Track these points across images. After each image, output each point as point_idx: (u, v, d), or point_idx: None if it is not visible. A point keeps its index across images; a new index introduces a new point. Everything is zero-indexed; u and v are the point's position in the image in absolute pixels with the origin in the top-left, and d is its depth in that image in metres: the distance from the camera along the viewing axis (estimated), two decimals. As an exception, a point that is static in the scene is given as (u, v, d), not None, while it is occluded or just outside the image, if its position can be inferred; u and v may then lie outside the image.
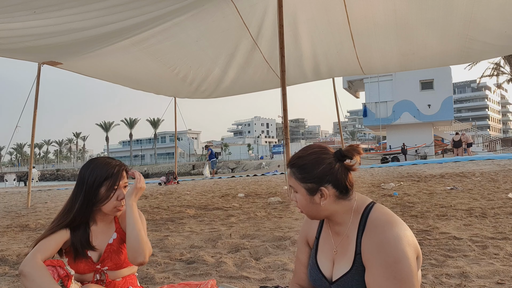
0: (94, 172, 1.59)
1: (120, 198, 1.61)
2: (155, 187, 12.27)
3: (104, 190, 1.59)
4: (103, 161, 1.64)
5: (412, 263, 1.13)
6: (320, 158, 1.26)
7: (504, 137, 56.55)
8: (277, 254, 3.15)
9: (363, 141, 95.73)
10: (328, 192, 1.24)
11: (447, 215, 4.52)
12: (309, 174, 1.25)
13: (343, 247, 1.28)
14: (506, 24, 6.14)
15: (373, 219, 1.22)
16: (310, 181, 1.25)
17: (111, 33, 5.68)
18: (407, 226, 1.21)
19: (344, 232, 1.28)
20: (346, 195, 1.27)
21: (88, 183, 1.59)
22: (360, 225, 1.24)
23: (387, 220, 1.20)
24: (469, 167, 11.74)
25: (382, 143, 36.32)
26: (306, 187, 1.26)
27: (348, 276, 1.22)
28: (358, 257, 1.21)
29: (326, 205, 1.26)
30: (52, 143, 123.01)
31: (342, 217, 1.28)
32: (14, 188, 20.20)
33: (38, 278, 1.37)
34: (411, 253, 1.14)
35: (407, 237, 1.16)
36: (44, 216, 6.36)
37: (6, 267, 3.09)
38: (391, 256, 1.12)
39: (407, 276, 1.11)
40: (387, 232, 1.16)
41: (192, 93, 10.05)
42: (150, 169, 54.22)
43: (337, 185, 1.25)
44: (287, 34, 6.59)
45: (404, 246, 1.13)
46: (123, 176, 1.64)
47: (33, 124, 7.90)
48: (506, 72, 36.63)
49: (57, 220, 1.62)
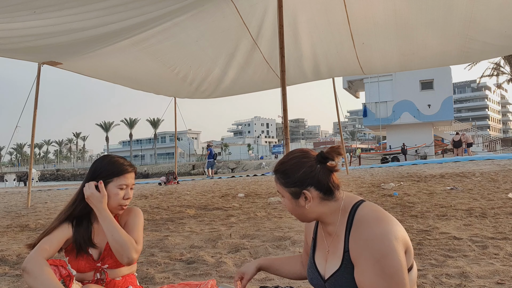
0: (107, 167, 1.65)
1: (126, 198, 1.65)
2: (155, 187, 12.27)
3: (113, 186, 1.63)
4: (117, 159, 1.70)
5: (400, 257, 1.13)
6: (300, 162, 1.29)
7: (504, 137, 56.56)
8: (277, 254, 3.15)
9: (363, 141, 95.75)
10: (311, 195, 1.27)
11: (447, 215, 4.52)
12: (291, 178, 1.28)
13: (334, 246, 1.30)
14: (506, 24, 6.14)
15: (360, 216, 1.23)
16: (293, 185, 1.28)
17: (111, 33, 5.69)
18: (396, 221, 1.21)
19: (334, 231, 1.31)
20: (331, 196, 1.29)
21: (100, 175, 1.63)
22: (348, 223, 1.25)
23: (373, 216, 1.21)
24: (469, 167, 11.74)
25: (382, 143, 36.35)
26: (290, 192, 1.30)
27: (338, 274, 1.24)
28: (347, 255, 1.22)
29: (312, 207, 1.28)
30: (52, 143, 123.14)
31: (331, 217, 1.30)
32: (14, 188, 20.21)
33: (41, 275, 1.38)
34: (398, 247, 1.14)
35: (394, 232, 1.16)
36: (44, 216, 6.35)
37: (6, 267, 3.09)
38: (378, 251, 1.13)
39: (397, 270, 1.11)
40: (372, 228, 1.17)
41: (192, 93, 10.05)
42: (150, 169, 54.22)
43: (320, 187, 1.27)
44: (287, 34, 6.59)
45: (390, 241, 1.13)
46: (132, 177, 1.70)
47: (33, 124, 7.90)
48: (506, 72, 36.63)
49: (64, 211, 1.66)
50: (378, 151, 33.85)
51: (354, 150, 46.33)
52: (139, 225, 1.73)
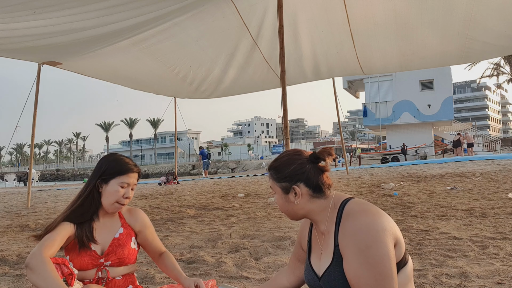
0: (112, 164, 1.69)
1: (125, 196, 1.67)
2: (155, 187, 12.27)
3: (114, 183, 1.66)
4: (123, 158, 1.74)
5: (387, 248, 1.14)
6: (291, 159, 1.35)
7: (504, 137, 56.55)
8: (277, 254, 3.15)
9: (363, 141, 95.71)
10: (300, 191, 1.32)
11: (447, 215, 4.52)
12: (282, 173, 1.35)
13: (326, 243, 1.32)
14: (506, 24, 6.14)
15: (348, 210, 1.27)
16: (283, 180, 1.34)
17: (111, 33, 5.68)
18: (384, 214, 1.23)
19: (325, 229, 1.34)
20: (320, 194, 1.33)
21: (104, 171, 1.67)
22: (337, 218, 1.28)
23: (360, 209, 1.24)
24: (469, 167, 11.74)
25: (382, 143, 36.33)
26: (280, 186, 1.36)
27: (330, 269, 1.26)
28: (337, 249, 1.25)
29: (301, 203, 1.33)
30: (52, 143, 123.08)
31: (320, 215, 1.34)
32: (14, 188, 20.20)
33: (44, 271, 1.38)
34: (385, 238, 1.15)
35: (382, 223, 1.18)
36: (44, 216, 6.35)
37: (6, 267, 3.08)
38: (363, 242, 1.15)
39: (380, 260, 1.12)
40: (358, 220, 1.20)
41: (192, 93, 10.05)
42: (150, 169, 54.22)
43: (309, 184, 1.32)
44: (287, 34, 6.59)
45: (376, 231, 1.15)
46: (135, 177, 1.72)
47: (33, 124, 7.90)
48: (506, 72, 36.62)
49: (68, 207, 1.69)
50: (378, 151, 33.84)
51: (354, 150, 46.34)
52: (154, 233, 1.85)
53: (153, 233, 1.83)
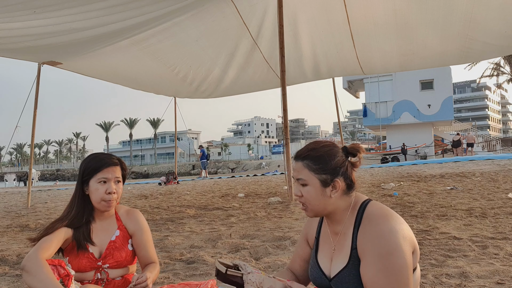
0: (88, 164, 1.67)
1: (108, 192, 1.63)
2: (155, 187, 12.27)
3: (93, 182, 1.64)
4: (98, 155, 1.71)
5: (406, 256, 1.13)
6: (333, 151, 1.28)
7: (504, 137, 56.53)
8: (277, 254, 3.15)
9: (363, 141, 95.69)
10: (340, 185, 1.26)
11: (447, 215, 4.52)
12: (325, 165, 1.26)
13: (340, 244, 1.30)
14: (506, 24, 6.14)
15: (369, 213, 1.24)
16: (326, 172, 1.25)
17: (111, 33, 5.69)
18: (403, 221, 1.22)
19: (340, 230, 1.31)
20: (350, 191, 1.30)
21: (83, 173, 1.66)
22: (356, 221, 1.25)
23: (382, 213, 1.22)
24: (469, 167, 11.74)
25: (382, 143, 36.31)
26: (320, 178, 1.26)
27: (345, 271, 1.24)
28: (354, 252, 1.22)
29: (335, 198, 1.27)
30: (52, 143, 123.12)
31: (341, 214, 1.30)
32: (14, 188, 20.20)
33: (40, 274, 1.38)
34: (405, 246, 1.14)
35: (402, 231, 1.17)
36: (44, 216, 6.35)
37: (6, 267, 3.08)
38: (384, 248, 1.13)
39: (400, 268, 1.11)
40: (381, 225, 1.17)
41: (192, 93, 10.05)
42: (150, 169, 54.22)
43: (347, 179, 1.28)
44: (287, 34, 6.59)
45: (398, 239, 1.14)
46: (114, 171, 1.66)
47: (33, 124, 7.90)
48: (506, 72, 36.61)
49: (62, 215, 1.67)
50: (378, 151, 33.83)
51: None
52: (149, 240, 1.77)
53: (147, 239, 1.77)
